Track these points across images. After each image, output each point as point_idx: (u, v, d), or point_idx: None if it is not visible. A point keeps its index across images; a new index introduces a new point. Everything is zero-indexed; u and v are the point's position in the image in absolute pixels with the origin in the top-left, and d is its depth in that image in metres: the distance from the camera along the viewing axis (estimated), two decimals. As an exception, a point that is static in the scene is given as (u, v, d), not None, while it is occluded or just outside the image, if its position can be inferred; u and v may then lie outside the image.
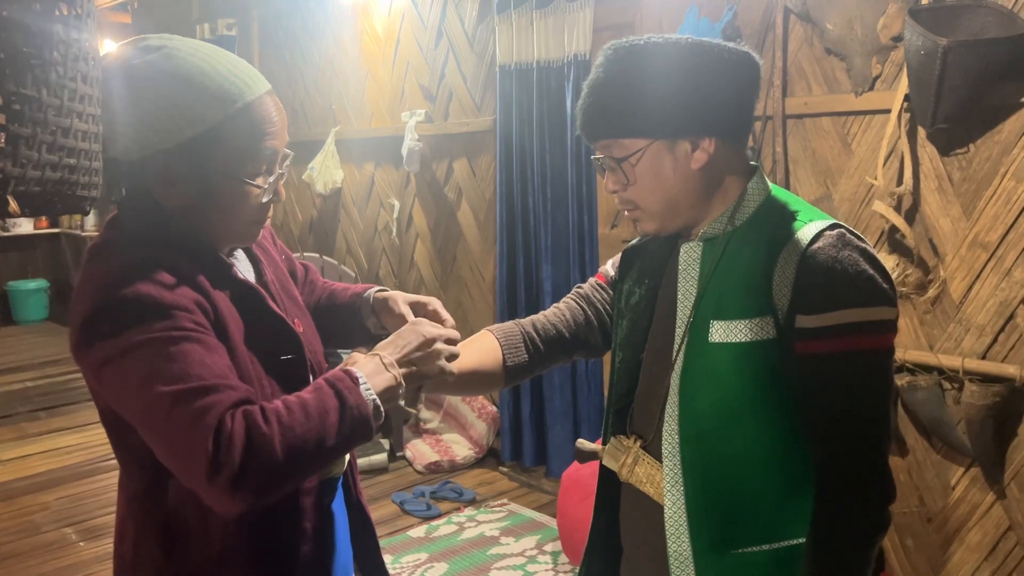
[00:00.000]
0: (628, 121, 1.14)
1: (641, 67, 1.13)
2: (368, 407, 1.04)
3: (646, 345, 1.25)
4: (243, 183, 1.12)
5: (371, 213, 4.59)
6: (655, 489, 1.20)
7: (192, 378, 0.98)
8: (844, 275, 1.06)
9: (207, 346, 1.03)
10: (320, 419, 1.00)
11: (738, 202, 1.17)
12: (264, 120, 1.12)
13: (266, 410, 0.99)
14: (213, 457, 0.93)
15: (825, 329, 1.06)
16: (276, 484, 0.98)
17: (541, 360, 1.36)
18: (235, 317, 1.13)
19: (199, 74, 1.07)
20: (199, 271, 1.10)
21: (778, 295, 1.09)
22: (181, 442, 0.96)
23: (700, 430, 1.14)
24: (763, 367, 1.10)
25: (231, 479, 0.93)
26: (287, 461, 0.97)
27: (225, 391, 0.99)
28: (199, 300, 1.07)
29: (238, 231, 1.17)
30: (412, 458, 3.98)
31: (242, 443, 0.94)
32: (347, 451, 1.07)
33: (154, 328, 1.00)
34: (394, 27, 4.25)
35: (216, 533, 1.14)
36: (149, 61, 1.07)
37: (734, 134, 1.17)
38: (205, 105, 1.07)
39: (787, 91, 2.72)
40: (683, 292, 1.19)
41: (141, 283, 1.02)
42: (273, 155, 1.14)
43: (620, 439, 1.26)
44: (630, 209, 1.21)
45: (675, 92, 1.12)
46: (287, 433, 0.97)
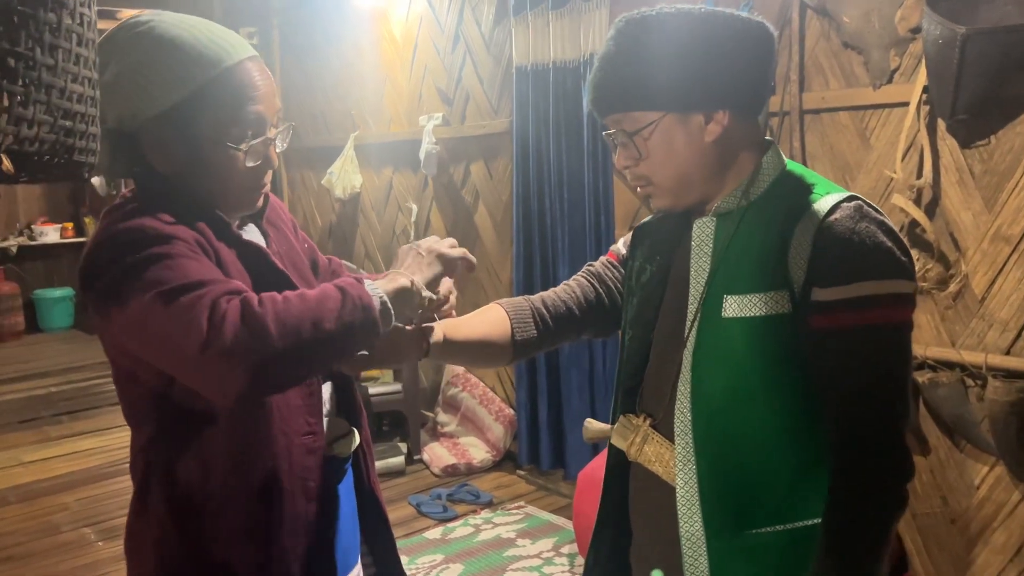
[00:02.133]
0: (640, 93, 1.12)
1: (652, 38, 1.12)
2: (371, 298, 1.05)
3: (657, 323, 1.23)
4: (227, 147, 1.14)
5: (389, 217, 4.60)
6: (664, 468, 1.18)
7: (194, 276, 1.01)
8: (861, 247, 1.04)
9: (204, 264, 1.06)
10: (319, 304, 1.00)
11: (753, 176, 1.15)
12: (246, 84, 1.14)
13: (262, 296, 1.00)
14: (207, 333, 0.94)
15: (841, 302, 1.04)
16: (270, 362, 0.96)
17: (550, 336, 1.35)
18: (240, 270, 1.16)
19: (180, 41, 1.11)
20: (201, 223, 1.13)
21: (794, 268, 1.07)
22: (178, 326, 0.96)
23: (713, 408, 1.12)
24: (778, 342, 1.08)
25: (222, 352, 0.94)
26: (281, 337, 0.96)
27: (220, 283, 1.01)
28: (198, 239, 1.10)
29: (234, 196, 1.19)
30: (429, 461, 3.96)
31: (235, 319, 0.95)
32: (351, 341, 1.05)
33: (152, 249, 1.03)
34: (412, 31, 4.27)
35: (216, 494, 1.16)
36: (137, 33, 1.12)
37: (749, 106, 1.15)
38: (186, 69, 1.10)
39: (804, 86, 2.69)
40: (696, 268, 1.17)
41: (140, 219, 1.07)
42: (258, 120, 1.16)
43: (629, 418, 1.24)
44: (642, 185, 1.19)
45: (688, 63, 1.10)
46: (281, 313, 0.97)
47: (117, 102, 1.11)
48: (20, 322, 7.45)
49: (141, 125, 1.12)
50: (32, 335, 7.53)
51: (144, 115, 1.12)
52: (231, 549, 1.16)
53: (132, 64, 1.10)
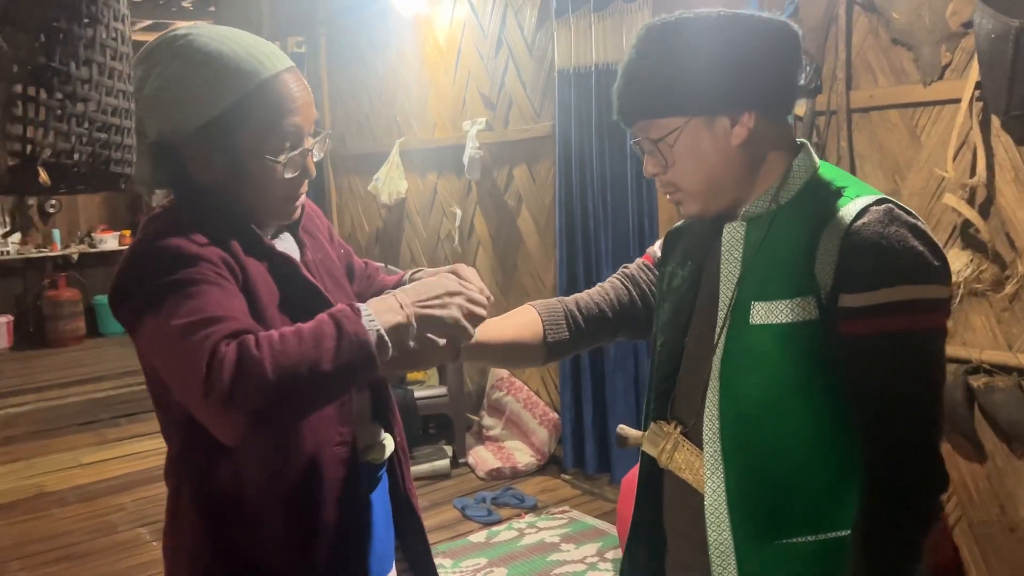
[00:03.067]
0: (663, 100, 1.12)
1: (673, 44, 1.11)
2: (368, 335, 1.03)
3: (689, 328, 1.22)
4: (266, 160, 1.15)
5: (434, 222, 4.63)
6: (694, 476, 1.16)
7: (205, 311, 1.02)
8: (890, 251, 1.01)
9: (226, 292, 1.07)
10: (315, 343, 1.00)
11: (783, 179, 1.13)
12: (283, 97, 1.15)
13: (260, 337, 1.00)
14: (206, 379, 0.96)
15: (869, 308, 1.01)
16: (269, 405, 0.98)
17: (583, 338, 1.34)
18: (269, 284, 1.17)
19: (217, 55, 1.12)
20: (231, 238, 1.14)
21: (821, 274, 1.05)
22: (185, 367, 0.99)
23: (741, 415, 1.10)
24: (806, 349, 1.06)
25: (221, 399, 0.95)
26: (278, 381, 0.97)
27: (227, 322, 1.02)
28: (225, 258, 1.11)
29: (272, 207, 1.21)
30: (474, 464, 3.98)
31: (232, 366, 0.96)
32: (351, 379, 1.05)
33: (179, 273, 1.05)
34: (455, 37, 4.30)
35: (247, 493, 1.17)
36: (176, 47, 1.13)
37: (775, 107, 1.14)
38: (224, 83, 1.12)
39: (852, 84, 2.63)
40: (726, 273, 1.15)
41: (170, 240, 1.09)
42: (296, 131, 1.17)
43: (660, 424, 1.23)
44: (671, 192, 1.19)
45: (709, 66, 1.10)
46: (278, 356, 0.98)
47: (157, 116, 1.13)
48: (81, 327, 7.70)
49: (181, 138, 1.14)
50: (92, 339, 7.76)
51: (184, 128, 1.13)
52: (264, 559, 1.17)
53: (171, 78, 1.12)
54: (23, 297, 7.79)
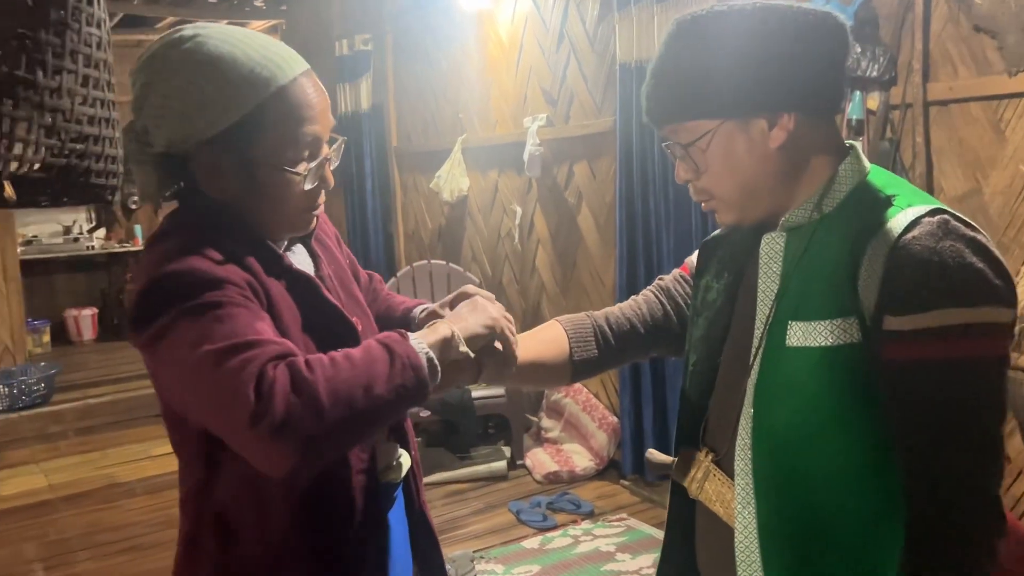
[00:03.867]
0: (693, 101, 1.03)
1: (704, 40, 1.02)
2: (419, 357, 0.99)
3: (723, 347, 1.12)
4: (284, 172, 1.08)
5: (495, 220, 4.58)
6: (725, 509, 1.07)
7: (242, 335, 0.95)
8: (943, 269, 0.90)
9: (255, 313, 1.00)
10: (367, 367, 0.95)
11: (827, 186, 1.03)
12: (300, 104, 1.08)
13: (310, 359, 0.94)
14: (255, 406, 0.89)
15: (917, 332, 0.90)
16: (323, 434, 0.91)
17: (613, 355, 1.26)
18: (290, 305, 1.10)
19: (230, 60, 1.04)
20: (251, 257, 1.07)
21: (864, 292, 0.94)
22: (224, 395, 0.91)
23: (776, 445, 1.00)
24: (846, 375, 0.95)
25: (273, 427, 0.88)
26: (333, 407, 0.91)
27: (269, 345, 0.95)
28: (248, 279, 1.04)
29: (288, 220, 1.14)
30: (532, 467, 3.91)
31: (284, 390, 0.89)
32: (403, 404, 1.00)
33: (204, 296, 0.97)
34: (517, 32, 4.23)
35: (272, 529, 1.11)
36: (183, 51, 1.05)
37: (819, 107, 1.03)
38: (238, 92, 1.04)
39: (929, 75, 2.46)
40: (763, 288, 1.05)
41: (191, 260, 1.00)
42: (315, 140, 1.10)
43: (691, 451, 1.14)
44: (705, 199, 1.09)
45: (743, 64, 1.00)
46: (332, 380, 0.92)
47: (165, 125, 1.05)
48: (156, 320, 7.93)
49: (191, 149, 1.06)
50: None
51: (195, 139, 1.05)
52: None
53: (180, 85, 1.04)
54: (107, 290, 8.07)
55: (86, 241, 7.68)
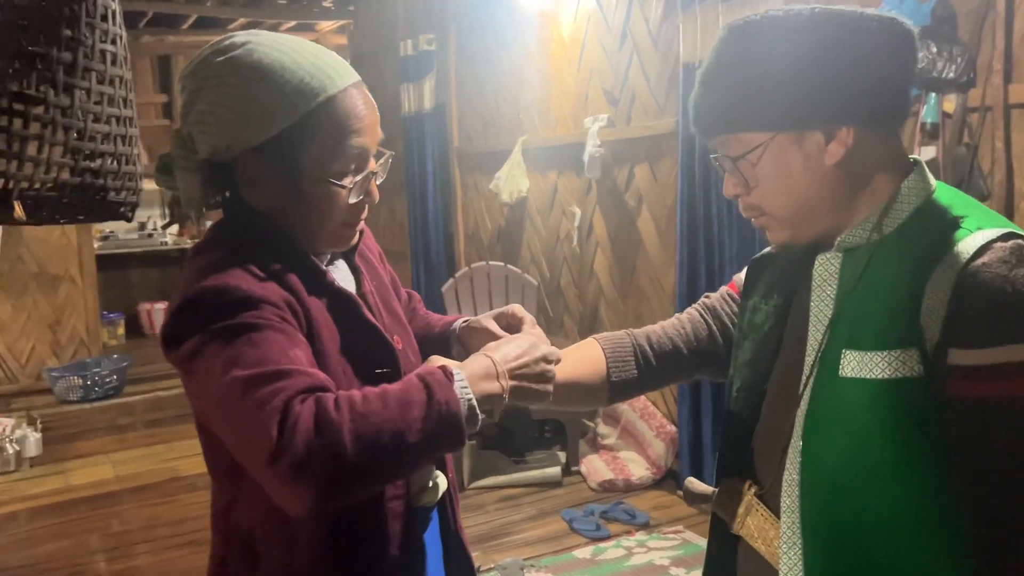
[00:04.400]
0: (744, 112, 0.97)
1: (756, 47, 0.96)
2: (459, 404, 0.94)
3: (771, 373, 1.05)
4: (329, 184, 1.05)
5: (553, 221, 4.53)
6: (767, 547, 1.00)
7: (269, 363, 0.92)
8: (1017, 299, 0.82)
9: (292, 339, 0.97)
10: (401, 411, 0.90)
11: (888, 205, 0.96)
12: (349, 115, 1.05)
13: (339, 397, 0.90)
14: (276, 443, 0.86)
15: (986, 368, 0.83)
16: (344, 478, 0.88)
17: (653, 377, 1.21)
18: (329, 324, 1.07)
19: (279, 68, 1.02)
20: (292, 274, 1.05)
21: (927, 322, 0.87)
22: (248, 426, 0.89)
23: (826, 482, 0.93)
24: (905, 412, 0.88)
25: (293, 466, 0.85)
26: (357, 452, 0.87)
27: (298, 376, 0.91)
28: (288, 299, 1.01)
29: (331, 234, 1.11)
30: (587, 474, 3.85)
31: (308, 428, 0.86)
32: (434, 453, 0.96)
33: (239, 316, 0.95)
34: (580, 31, 4.17)
35: (300, 553, 1.08)
36: (232, 57, 1.03)
37: (881, 121, 0.96)
38: (286, 98, 1.01)
39: (1011, 76, 2.31)
40: (816, 313, 0.98)
41: (230, 277, 0.98)
42: (362, 153, 1.07)
43: (733, 482, 1.07)
44: (756, 216, 1.03)
45: (799, 73, 0.93)
46: (359, 421, 0.88)
47: (210, 132, 1.03)
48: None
49: (236, 157, 1.04)
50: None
51: (240, 147, 1.03)
52: None
53: (228, 93, 1.02)
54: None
55: (160, 237, 7.90)
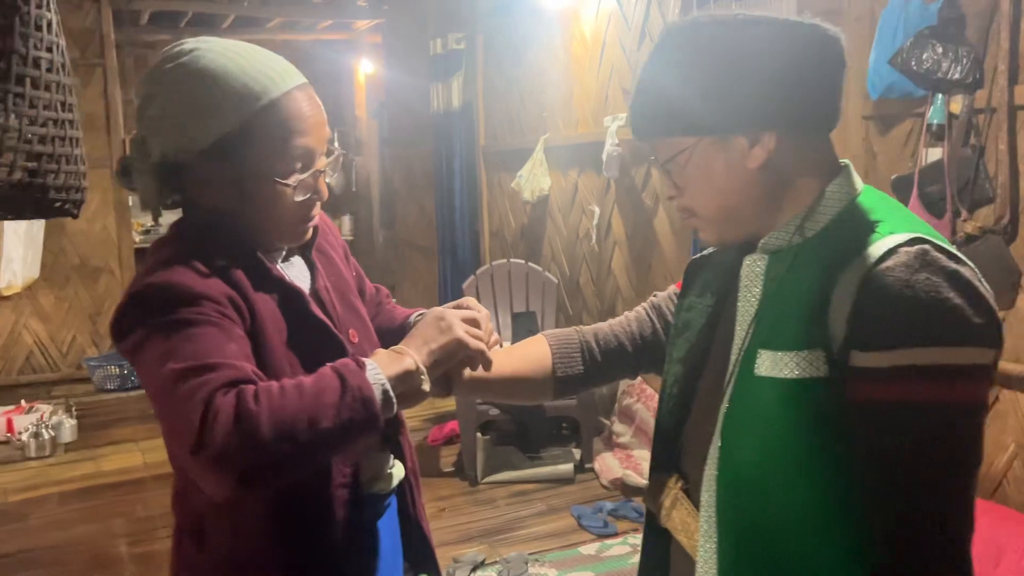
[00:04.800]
0: (671, 117, 0.99)
1: (684, 53, 0.98)
2: (371, 389, 0.98)
3: (703, 370, 1.08)
4: (275, 183, 1.10)
5: (574, 220, 4.55)
6: (689, 540, 1.03)
7: (201, 357, 0.97)
8: (915, 304, 0.83)
9: (229, 333, 1.02)
10: (316, 399, 0.95)
11: (811, 208, 0.97)
12: (292, 117, 1.10)
13: (259, 389, 0.95)
14: (198, 433, 0.91)
15: (884, 371, 0.84)
16: (263, 466, 0.93)
17: (599, 373, 1.24)
18: (277, 318, 1.12)
19: (223, 73, 1.07)
20: (238, 270, 1.10)
21: (834, 324, 0.88)
22: (176, 416, 0.95)
23: (740, 479, 0.95)
24: (813, 412, 0.90)
25: (213, 456, 0.91)
26: (274, 441, 0.92)
27: (225, 369, 0.97)
28: (231, 295, 1.07)
29: (281, 231, 1.16)
30: (599, 471, 3.87)
31: (227, 420, 0.91)
32: (351, 438, 1.00)
33: (179, 312, 1.01)
34: (601, 31, 4.18)
35: (244, 535, 1.14)
36: (180, 64, 1.09)
37: (804, 126, 0.97)
38: (230, 104, 1.06)
39: (1017, 78, 2.28)
40: (742, 312, 1.01)
41: (173, 274, 1.04)
42: (307, 152, 1.12)
43: (663, 476, 1.10)
44: (687, 217, 1.05)
45: (722, 79, 0.95)
46: (276, 412, 0.93)
47: (161, 136, 1.09)
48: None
49: (186, 159, 1.10)
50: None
51: (189, 150, 1.09)
52: None
53: (175, 98, 1.08)
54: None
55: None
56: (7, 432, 4.63)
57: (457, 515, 3.63)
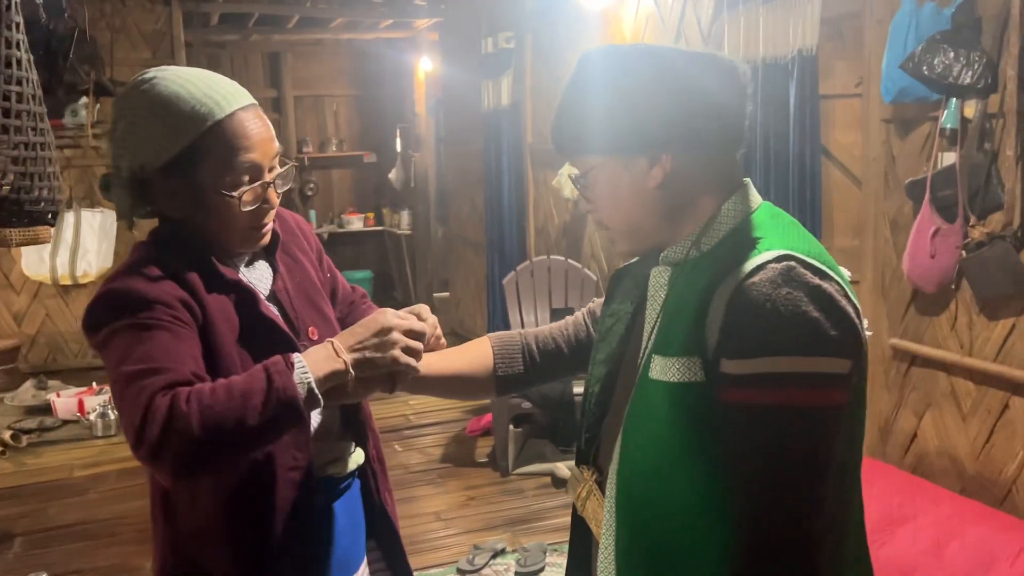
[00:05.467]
0: (581, 137, 1.08)
1: (595, 77, 1.06)
2: (295, 390, 1.09)
3: (619, 373, 1.16)
4: (223, 195, 1.22)
5: (612, 218, 4.59)
6: (598, 528, 1.11)
7: (150, 360, 1.10)
8: (774, 316, 0.90)
9: (177, 336, 1.15)
10: (242, 399, 1.06)
11: (707, 224, 1.04)
12: (237, 135, 1.21)
13: (191, 391, 1.07)
14: (138, 432, 1.04)
15: (744, 377, 0.91)
16: (193, 459, 1.05)
17: (538, 373, 1.33)
18: (229, 317, 1.24)
19: (175, 98, 1.20)
20: (191, 272, 1.22)
21: (709, 333, 0.96)
22: (123, 416, 1.09)
23: (635, 473, 1.03)
24: (692, 413, 0.97)
25: (149, 451, 1.04)
26: (205, 437, 1.04)
27: (166, 373, 1.09)
28: (183, 297, 1.19)
29: (236, 238, 1.28)
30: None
31: (161, 420, 1.04)
32: (277, 433, 1.12)
33: (135, 316, 1.14)
34: (640, 30, 4.21)
35: (201, 509, 1.27)
36: (141, 91, 1.23)
37: (704, 148, 1.04)
38: (179, 124, 1.19)
39: (1027, 83, 2.25)
40: (648, 320, 1.09)
41: (131, 280, 1.18)
42: (252, 167, 1.23)
43: (582, 470, 1.18)
44: (602, 230, 1.14)
45: (625, 103, 1.04)
46: (206, 412, 1.04)
47: (127, 155, 1.23)
48: (326, 300, 8.53)
49: (149, 175, 1.23)
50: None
51: (150, 167, 1.22)
52: (216, 567, 1.27)
53: (136, 120, 1.22)
54: (284, 270, 8.77)
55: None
56: (78, 412, 4.95)
57: (485, 504, 3.74)
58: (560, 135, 1.11)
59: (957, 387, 2.62)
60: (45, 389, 5.36)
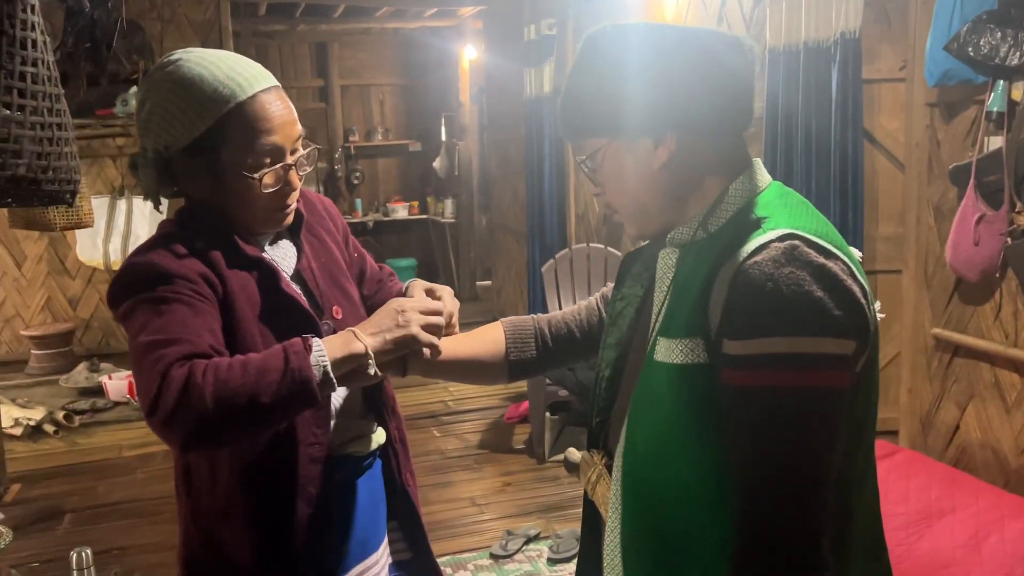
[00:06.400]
0: (587, 120, 1.07)
1: (599, 58, 1.05)
2: (311, 372, 1.10)
3: (628, 356, 1.15)
4: (244, 176, 1.24)
5: (652, 206, 4.55)
6: (607, 512, 1.11)
7: (169, 332, 1.13)
8: (776, 296, 0.88)
9: (197, 310, 1.18)
10: (257, 376, 1.08)
11: (714, 205, 1.03)
12: (258, 118, 1.23)
13: (208, 364, 1.09)
14: (153, 400, 1.07)
15: (746, 358, 0.90)
16: (204, 431, 1.07)
17: (551, 358, 1.32)
18: (250, 293, 1.26)
19: (198, 80, 1.21)
20: (214, 249, 1.25)
21: (712, 314, 0.95)
22: (140, 384, 1.12)
23: (639, 456, 1.03)
24: (695, 395, 0.96)
25: (162, 419, 1.06)
26: (216, 411, 1.06)
27: (183, 344, 1.12)
28: (205, 273, 1.22)
29: (259, 218, 1.30)
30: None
31: (176, 390, 1.06)
32: (289, 412, 1.14)
33: (156, 289, 1.17)
34: (681, 14, 4.16)
35: (221, 484, 1.29)
36: (166, 72, 1.24)
37: (709, 128, 1.03)
38: (203, 106, 1.21)
39: (1079, 62, 2.16)
40: (656, 303, 1.07)
41: (155, 255, 1.21)
42: (274, 149, 1.24)
43: (592, 453, 1.18)
44: (612, 213, 1.13)
45: (630, 84, 1.03)
46: (220, 386, 1.07)
47: (151, 136, 1.25)
48: (373, 287, 8.62)
49: (173, 156, 1.25)
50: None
51: (174, 147, 1.24)
52: (235, 543, 1.30)
53: (160, 102, 1.24)
54: (332, 257, 8.88)
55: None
56: (128, 394, 5.09)
57: (520, 490, 3.76)
58: (564, 119, 1.10)
59: (1001, 379, 2.54)
60: (97, 371, 5.52)
